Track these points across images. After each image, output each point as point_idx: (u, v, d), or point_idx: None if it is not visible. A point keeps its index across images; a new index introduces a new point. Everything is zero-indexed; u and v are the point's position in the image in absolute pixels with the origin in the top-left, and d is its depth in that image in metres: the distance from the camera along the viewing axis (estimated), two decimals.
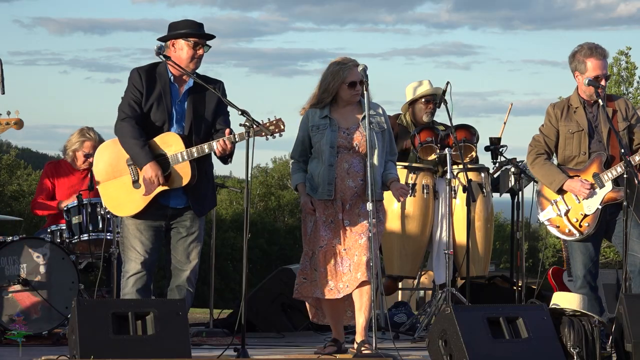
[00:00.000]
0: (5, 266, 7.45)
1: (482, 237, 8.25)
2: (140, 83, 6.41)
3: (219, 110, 6.49)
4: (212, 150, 6.32)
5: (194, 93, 6.45)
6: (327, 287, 6.57)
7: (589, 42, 7.08)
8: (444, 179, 7.87)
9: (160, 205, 6.40)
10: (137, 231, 6.41)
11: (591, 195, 6.94)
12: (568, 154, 7.04)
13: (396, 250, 8.13)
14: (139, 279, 6.40)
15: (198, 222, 6.49)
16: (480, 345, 5.80)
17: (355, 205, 6.59)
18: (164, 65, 6.46)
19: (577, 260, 7.02)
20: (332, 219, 6.59)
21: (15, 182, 38.96)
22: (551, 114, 7.12)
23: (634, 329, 6.17)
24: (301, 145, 6.73)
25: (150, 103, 6.40)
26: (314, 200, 6.60)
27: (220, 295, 30.19)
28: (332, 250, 6.57)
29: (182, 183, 6.36)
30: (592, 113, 7.03)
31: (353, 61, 6.65)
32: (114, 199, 6.48)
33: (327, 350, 6.62)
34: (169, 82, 6.44)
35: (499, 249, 41.12)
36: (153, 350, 5.64)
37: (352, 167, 6.60)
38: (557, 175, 7.00)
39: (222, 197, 43.18)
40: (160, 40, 6.47)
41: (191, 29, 6.42)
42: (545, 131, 7.12)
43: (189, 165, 6.34)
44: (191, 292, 6.51)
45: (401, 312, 8.33)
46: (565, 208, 7.03)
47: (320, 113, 6.67)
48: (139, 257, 6.40)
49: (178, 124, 6.43)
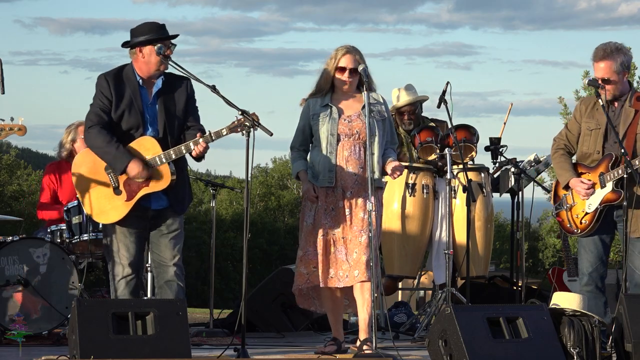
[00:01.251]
0: (5, 266, 7.44)
1: (482, 237, 8.25)
2: (108, 90, 6.43)
3: (188, 108, 6.54)
4: (189, 151, 6.37)
5: (163, 94, 6.50)
6: (327, 275, 6.60)
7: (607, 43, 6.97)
8: (444, 179, 7.87)
9: (142, 207, 6.45)
10: (122, 235, 6.46)
11: (593, 194, 6.95)
12: (585, 151, 7.06)
13: (396, 250, 8.13)
14: (130, 281, 6.47)
15: (178, 219, 6.55)
16: (480, 345, 5.80)
17: (357, 194, 6.62)
18: (130, 68, 6.50)
19: (584, 257, 7.04)
20: (333, 206, 6.63)
21: (15, 182, 38.94)
22: (577, 109, 7.14)
23: (634, 329, 6.17)
24: (302, 134, 6.76)
25: (122, 109, 6.43)
26: (316, 187, 6.62)
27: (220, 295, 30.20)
28: (333, 237, 6.61)
29: (164, 185, 6.41)
30: (613, 112, 6.99)
31: (348, 47, 6.69)
32: (96, 207, 6.49)
33: (327, 350, 6.62)
34: (138, 86, 6.47)
35: (499, 249, 41.11)
36: (153, 350, 5.64)
37: (353, 155, 6.63)
38: (566, 171, 7.05)
39: (222, 197, 43.18)
40: (124, 47, 6.51)
41: (155, 32, 6.45)
42: (569, 126, 7.18)
43: (168, 167, 6.39)
44: (182, 287, 6.53)
45: (401, 312, 8.33)
46: (571, 204, 7.07)
47: (321, 102, 6.73)
48: (127, 259, 6.46)
49: (152, 127, 6.47)
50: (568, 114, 29.30)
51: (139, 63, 6.46)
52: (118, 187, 6.43)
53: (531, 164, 8.84)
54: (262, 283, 8.47)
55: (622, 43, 7.00)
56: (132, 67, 6.49)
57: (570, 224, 7.08)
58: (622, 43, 7.00)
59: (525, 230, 8.80)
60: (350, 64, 6.66)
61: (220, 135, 6.34)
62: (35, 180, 36.61)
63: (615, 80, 6.90)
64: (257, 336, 7.76)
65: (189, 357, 5.73)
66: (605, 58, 6.88)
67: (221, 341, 7.44)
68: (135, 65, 6.48)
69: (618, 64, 6.88)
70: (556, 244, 36.67)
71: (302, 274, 6.67)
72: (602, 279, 7.01)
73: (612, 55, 6.88)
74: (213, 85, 6.41)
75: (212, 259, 8.28)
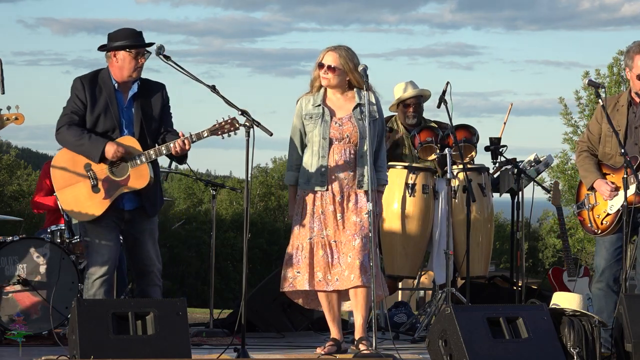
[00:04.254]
0: (5, 266, 7.44)
1: (482, 237, 8.25)
2: (83, 93, 6.48)
3: (164, 114, 6.60)
4: (169, 151, 6.39)
5: (139, 98, 6.55)
6: (315, 278, 6.61)
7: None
8: (444, 179, 7.87)
9: (117, 209, 6.49)
10: (99, 235, 6.50)
11: (616, 196, 6.94)
12: (606, 152, 7.06)
13: (396, 250, 8.12)
14: (105, 281, 6.50)
15: (151, 221, 6.60)
16: (480, 345, 5.80)
17: (348, 198, 6.63)
18: (106, 72, 6.56)
19: (600, 254, 7.06)
20: (322, 209, 6.63)
21: (15, 182, 38.98)
22: (598, 110, 7.13)
23: (634, 329, 6.17)
24: (294, 132, 6.77)
25: (97, 113, 6.48)
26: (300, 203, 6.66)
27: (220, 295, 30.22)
28: (322, 241, 6.62)
29: (142, 185, 6.44)
30: (634, 113, 6.98)
31: (335, 46, 6.72)
32: (73, 204, 6.51)
33: (327, 350, 6.62)
34: (114, 90, 6.51)
35: (499, 249, 41.14)
36: (153, 350, 5.64)
37: (343, 158, 6.64)
38: (591, 173, 7.06)
39: (222, 197, 43.22)
40: (100, 50, 6.56)
41: (131, 39, 6.50)
42: (590, 127, 7.20)
43: (147, 167, 6.42)
44: (160, 287, 6.65)
45: (401, 312, 8.33)
46: (594, 203, 7.09)
47: (313, 101, 6.74)
48: (103, 260, 6.48)
49: (128, 130, 6.51)
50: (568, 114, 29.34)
51: (114, 67, 6.52)
52: (97, 185, 6.45)
53: (531, 164, 8.84)
54: (262, 283, 8.46)
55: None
56: (108, 70, 6.55)
57: (591, 224, 7.11)
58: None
59: (525, 230, 8.80)
60: (329, 61, 6.68)
61: (201, 137, 6.39)
62: (35, 181, 36.64)
63: None
64: (257, 336, 7.76)
65: (189, 357, 5.73)
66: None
67: (221, 341, 7.44)
68: (110, 69, 6.54)
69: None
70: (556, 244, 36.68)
71: (287, 278, 6.69)
72: (615, 277, 6.99)
73: None
74: (213, 86, 6.42)
75: (212, 259, 8.28)
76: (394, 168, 8.10)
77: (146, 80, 6.61)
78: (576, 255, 8.54)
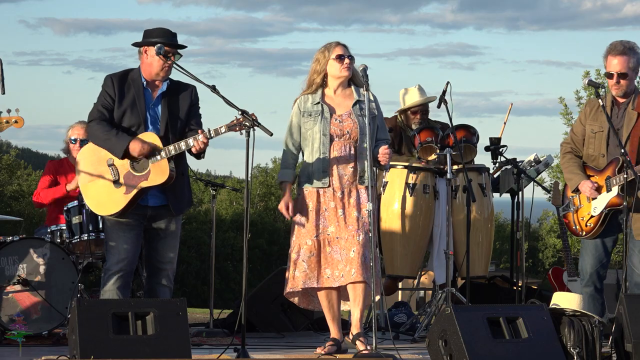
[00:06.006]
0: (5, 266, 7.45)
1: (482, 237, 8.25)
2: (113, 89, 6.56)
3: (191, 112, 6.64)
4: (188, 147, 6.44)
5: (168, 96, 6.59)
6: (323, 275, 6.61)
7: (621, 40, 7.02)
8: (444, 179, 7.87)
9: (140, 205, 6.53)
10: (120, 231, 6.53)
11: (599, 196, 6.96)
12: (590, 153, 7.09)
13: (396, 250, 8.12)
14: (121, 277, 6.52)
15: (175, 221, 6.63)
16: (480, 345, 5.80)
17: (349, 195, 6.65)
18: (137, 71, 6.63)
19: (586, 258, 7.09)
20: (325, 207, 6.66)
21: (15, 182, 38.96)
22: (582, 111, 7.18)
23: (634, 329, 6.17)
24: (292, 135, 6.78)
25: (124, 109, 6.54)
26: (292, 208, 6.67)
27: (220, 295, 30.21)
28: (327, 237, 6.63)
29: (161, 180, 6.47)
30: (617, 115, 7.00)
31: (338, 41, 6.79)
32: (96, 198, 6.58)
33: (327, 350, 6.62)
34: (142, 87, 6.58)
35: (499, 249, 41.13)
36: (153, 350, 5.64)
37: (343, 155, 6.67)
38: (576, 175, 7.08)
39: (222, 197, 43.20)
40: (134, 46, 6.63)
41: (164, 38, 6.55)
42: (575, 128, 7.22)
43: (167, 163, 6.45)
44: (170, 288, 6.66)
45: (401, 312, 8.33)
46: (578, 206, 7.12)
47: (312, 99, 6.75)
48: (121, 256, 6.51)
49: (153, 126, 6.56)
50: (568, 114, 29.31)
51: (144, 64, 6.59)
52: (118, 180, 6.50)
53: (531, 164, 8.84)
54: (262, 283, 8.46)
55: (635, 43, 7.03)
56: (139, 69, 6.62)
57: (575, 226, 7.14)
58: (635, 43, 7.03)
59: (525, 230, 8.80)
60: (343, 51, 6.74)
61: (219, 133, 6.40)
62: (35, 181, 36.62)
63: (630, 76, 6.94)
64: (257, 336, 7.76)
65: (189, 357, 5.73)
66: (625, 53, 6.93)
67: (221, 341, 7.44)
68: (141, 66, 6.61)
69: (633, 61, 6.93)
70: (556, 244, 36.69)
71: (295, 278, 6.68)
72: (601, 280, 7.06)
73: (629, 52, 6.93)
74: (213, 86, 6.44)
75: (212, 259, 8.29)
76: (394, 168, 8.11)
77: (177, 82, 6.67)
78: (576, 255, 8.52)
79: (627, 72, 6.90)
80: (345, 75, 6.75)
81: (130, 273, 6.59)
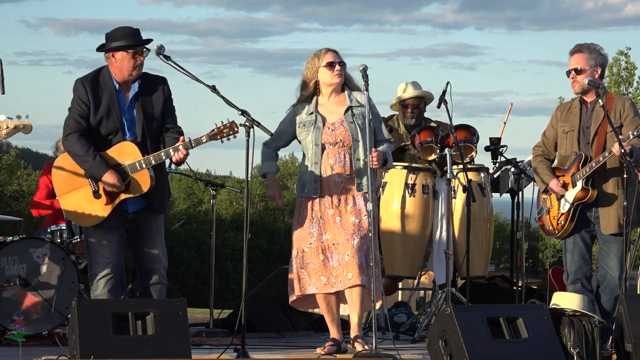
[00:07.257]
0: (5, 266, 7.45)
1: (482, 237, 8.25)
2: (86, 96, 6.41)
3: (166, 111, 6.52)
4: (169, 156, 6.35)
5: (141, 97, 6.48)
6: (319, 282, 6.63)
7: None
8: (444, 179, 7.87)
9: (121, 211, 6.44)
10: (102, 235, 6.44)
11: (567, 194, 7.01)
12: (563, 154, 7.19)
13: (396, 250, 8.12)
14: (109, 280, 6.44)
15: (157, 218, 6.57)
16: (480, 345, 5.80)
17: (346, 201, 6.66)
18: (107, 71, 6.48)
19: (567, 257, 7.17)
20: (321, 214, 6.66)
21: (15, 182, 39.00)
22: (553, 116, 7.30)
23: (634, 329, 6.17)
24: (278, 136, 6.82)
25: (100, 116, 6.41)
26: (281, 195, 6.78)
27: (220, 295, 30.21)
28: (322, 245, 6.64)
29: (142, 190, 6.39)
30: (585, 114, 7.11)
31: (328, 48, 6.77)
32: (76, 210, 6.47)
33: (327, 350, 6.63)
34: (115, 91, 6.45)
35: (499, 249, 41.16)
36: (153, 350, 5.63)
37: (338, 162, 6.67)
38: (544, 176, 7.19)
39: (222, 197, 43.24)
40: (98, 51, 6.49)
41: (129, 38, 6.43)
42: (546, 132, 7.34)
43: (147, 172, 6.37)
44: (164, 284, 6.60)
45: (401, 312, 8.33)
46: (549, 207, 7.22)
47: (307, 109, 6.77)
48: (106, 260, 6.43)
49: (130, 132, 6.45)
50: None
51: (113, 67, 6.46)
52: (98, 191, 6.40)
53: (531, 164, 8.84)
54: (262, 283, 8.46)
55: (601, 46, 7.16)
56: (109, 70, 6.49)
57: (549, 227, 7.23)
58: (601, 46, 7.16)
59: (525, 230, 8.80)
60: (334, 58, 6.73)
61: (200, 143, 6.32)
62: (35, 181, 36.63)
63: (587, 73, 7.05)
64: (257, 336, 7.76)
65: (189, 357, 5.73)
66: (580, 50, 7.11)
67: (221, 341, 7.44)
68: (111, 69, 6.48)
69: (591, 58, 7.07)
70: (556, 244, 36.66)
71: (294, 285, 6.72)
72: (587, 277, 7.09)
73: (586, 50, 7.11)
74: (213, 86, 6.42)
75: (212, 259, 8.29)
76: (394, 168, 8.10)
77: (147, 76, 6.53)
78: None
79: (583, 68, 7.04)
80: (336, 82, 6.74)
81: (118, 275, 6.52)
